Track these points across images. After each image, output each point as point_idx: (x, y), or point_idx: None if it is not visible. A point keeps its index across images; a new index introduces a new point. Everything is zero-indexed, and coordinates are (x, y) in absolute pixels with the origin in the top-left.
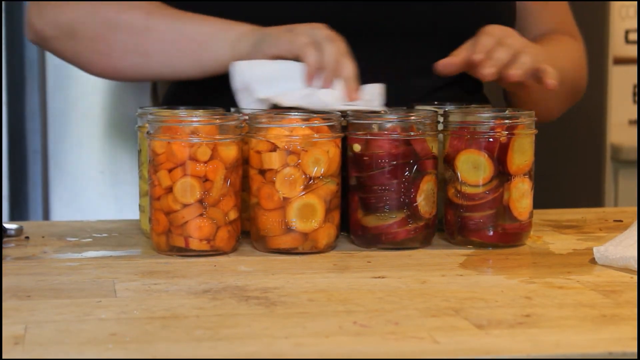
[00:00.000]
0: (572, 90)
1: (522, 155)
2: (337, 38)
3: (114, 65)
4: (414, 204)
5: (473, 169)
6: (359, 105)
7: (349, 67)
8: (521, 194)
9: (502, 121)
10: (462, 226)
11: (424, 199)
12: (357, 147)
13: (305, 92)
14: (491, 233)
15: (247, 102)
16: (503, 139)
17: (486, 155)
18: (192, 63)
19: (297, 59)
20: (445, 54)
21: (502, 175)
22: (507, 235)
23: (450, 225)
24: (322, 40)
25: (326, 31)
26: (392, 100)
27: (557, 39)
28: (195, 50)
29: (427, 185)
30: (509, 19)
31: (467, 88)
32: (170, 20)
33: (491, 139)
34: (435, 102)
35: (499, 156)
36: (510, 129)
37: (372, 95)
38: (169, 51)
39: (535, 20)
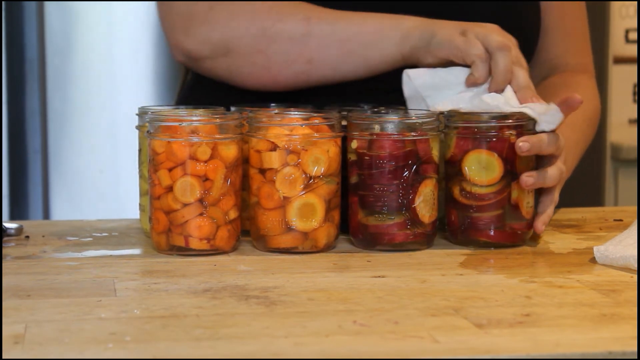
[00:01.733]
0: (592, 136)
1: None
2: (510, 45)
3: (273, 77)
4: (412, 206)
5: (483, 169)
6: (526, 109)
7: (521, 77)
8: (527, 193)
9: (510, 121)
10: (470, 226)
11: (423, 201)
12: (354, 144)
13: (469, 94)
14: (500, 232)
15: (417, 105)
16: (513, 139)
17: (496, 155)
18: (359, 64)
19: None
20: None
21: (510, 174)
22: (515, 234)
23: (455, 225)
24: (494, 51)
25: (499, 37)
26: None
27: (576, 90)
28: (361, 51)
29: (426, 189)
30: (532, 27)
31: None
32: (330, 23)
33: (501, 139)
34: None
35: (508, 156)
36: (518, 128)
37: (543, 110)
38: (333, 55)
39: (550, 42)
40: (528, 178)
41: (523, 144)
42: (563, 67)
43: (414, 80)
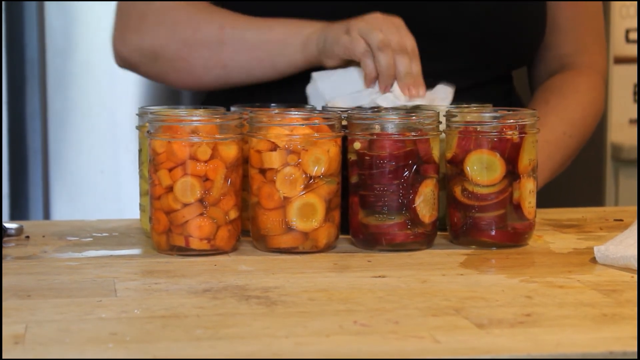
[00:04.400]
0: (585, 137)
1: (529, 154)
2: (389, 39)
3: (196, 80)
4: (413, 206)
5: (485, 169)
6: (422, 101)
7: (400, 67)
8: (528, 193)
9: (512, 121)
10: (472, 226)
11: (423, 201)
12: (357, 145)
13: (367, 93)
14: (502, 232)
15: (318, 104)
16: (515, 139)
17: (497, 155)
18: (268, 70)
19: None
20: (477, 55)
21: (511, 174)
22: (517, 234)
23: (457, 225)
24: (375, 51)
25: (379, 34)
26: None
27: (571, 91)
28: (269, 58)
29: (426, 189)
30: (537, 27)
31: (496, 90)
32: (242, 32)
33: (503, 139)
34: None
35: (510, 156)
36: (521, 128)
37: (438, 94)
38: (245, 62)
39: (560, 39)
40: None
41: None
42: (571, 66)
43: (316, 81)
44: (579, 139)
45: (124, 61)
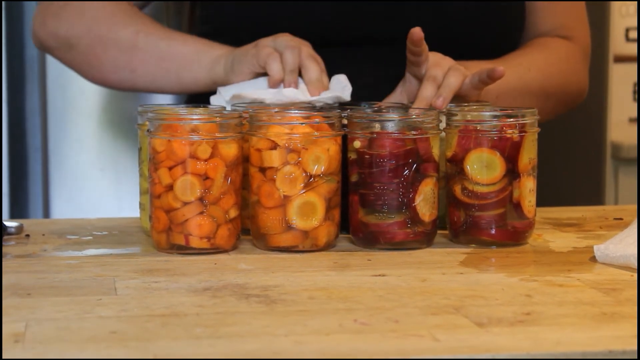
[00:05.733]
0: (555, 95)
1: (529, 153)
2: (298, 44)
3: (104, 78)
4: (413, 205)
5: (485, 168)
6: (325, 97)
7: (312, 69)
8: (528, 192)
9: (512, 119)
10: (472, 225)
11: (423, 200)
12: (357, 144)
13: (273, 91)
14: (502, 231)
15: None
16: (516, 138)
17: (497, 154)
18: (174, 82)
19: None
20: (457, 55)
21: (511, 173)
22: (517, 233)
23: (457, 224)
24: (282, 49)
25: (287, 39)
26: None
27: (538, 44)
28: (176, 71)
29: (426, 188)
30: (516, 21)
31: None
32: (155, 40)
33: (503, 138)
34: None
35: (510, 154)
36: (521, 127)
37: (338, 86)
38: (153, 70)
39: (537, 20)
40: (437, 99)
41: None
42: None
43: (222, 93)
44: (542, 84)
45: (40, 43)
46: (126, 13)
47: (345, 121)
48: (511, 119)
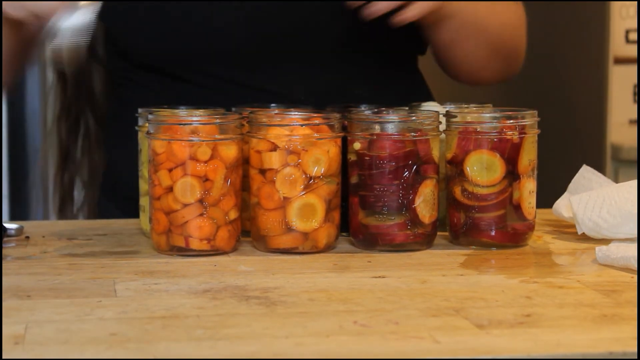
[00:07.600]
0: (500, 45)
1: (529, 154)
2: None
3: None
4: (413, 206)
5: (485, 170)
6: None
7: None
8: (529, 193)
9: (512, 121)
10: (472, 227)
11: (423, 201)
12: (357, 145)
13: None
14: (502, 233)
15: None
16: (515, 139)
17: (497, 155)
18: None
19: None
20: (382, 60)
21: (511, 175)
22: (517, 234)
23: (457, 226)
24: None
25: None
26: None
27: None
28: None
29: (426, 189)
30: None
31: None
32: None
33: (503, 139)
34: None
35: (510, 156)
36: (521, 128)
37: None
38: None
39: None
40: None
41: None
42: None
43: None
44: (503, 34)
45: None
46: None
47: (345, 123)
48: (511, 121)
